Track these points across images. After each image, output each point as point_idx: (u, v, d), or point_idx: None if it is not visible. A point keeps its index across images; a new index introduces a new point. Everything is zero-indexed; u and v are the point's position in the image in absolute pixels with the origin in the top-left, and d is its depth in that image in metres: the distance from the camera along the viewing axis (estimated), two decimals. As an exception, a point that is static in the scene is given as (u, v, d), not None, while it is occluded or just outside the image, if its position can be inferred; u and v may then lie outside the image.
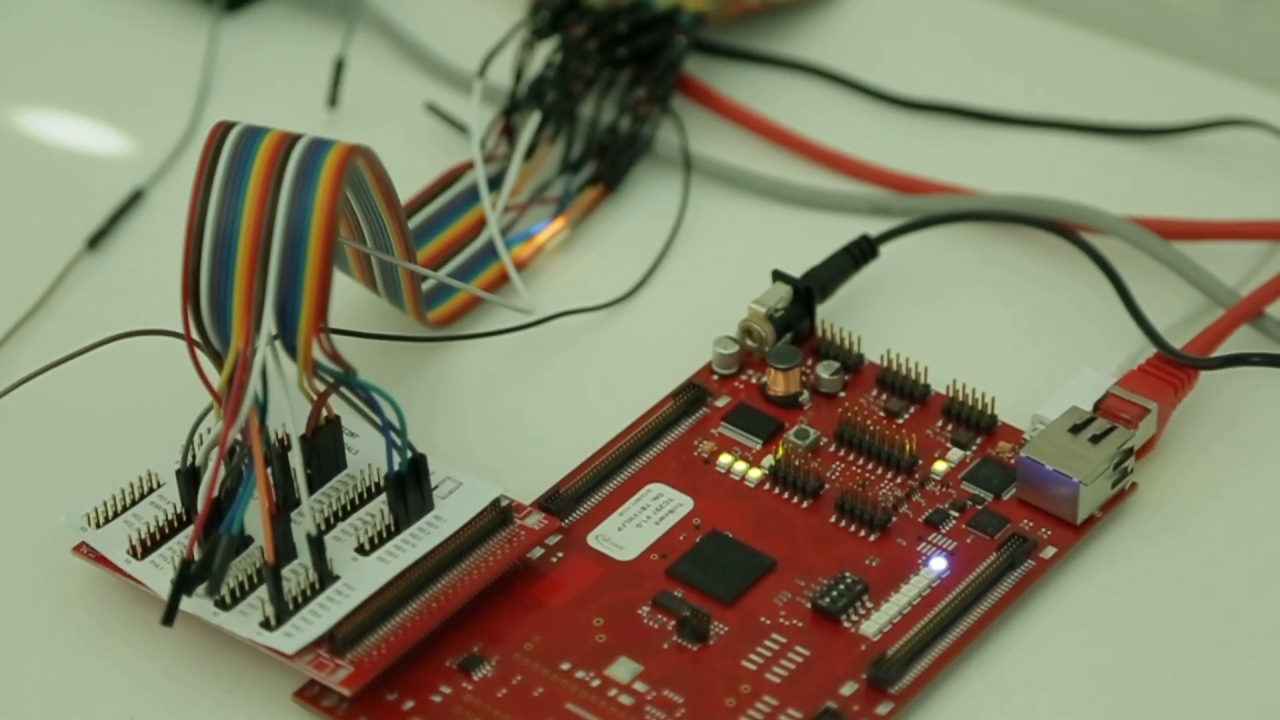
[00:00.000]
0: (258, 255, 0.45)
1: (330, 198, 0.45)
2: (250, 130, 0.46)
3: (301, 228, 0.45)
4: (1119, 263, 0.54)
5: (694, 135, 0.60)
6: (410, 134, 0.61)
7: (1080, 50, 0.63)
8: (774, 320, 0.53)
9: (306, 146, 0.45)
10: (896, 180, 0.59)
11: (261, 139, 0.46)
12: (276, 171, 0.45)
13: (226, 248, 0.46)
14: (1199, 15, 0.61)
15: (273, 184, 0.45)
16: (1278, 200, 0.57)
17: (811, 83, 0.62)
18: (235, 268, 0.46)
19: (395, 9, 0.64)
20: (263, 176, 0.45)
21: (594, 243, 0.58)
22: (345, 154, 0.45)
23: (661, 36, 0.60)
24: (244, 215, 0.45)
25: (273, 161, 0.45)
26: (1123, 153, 0.60)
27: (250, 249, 0.45)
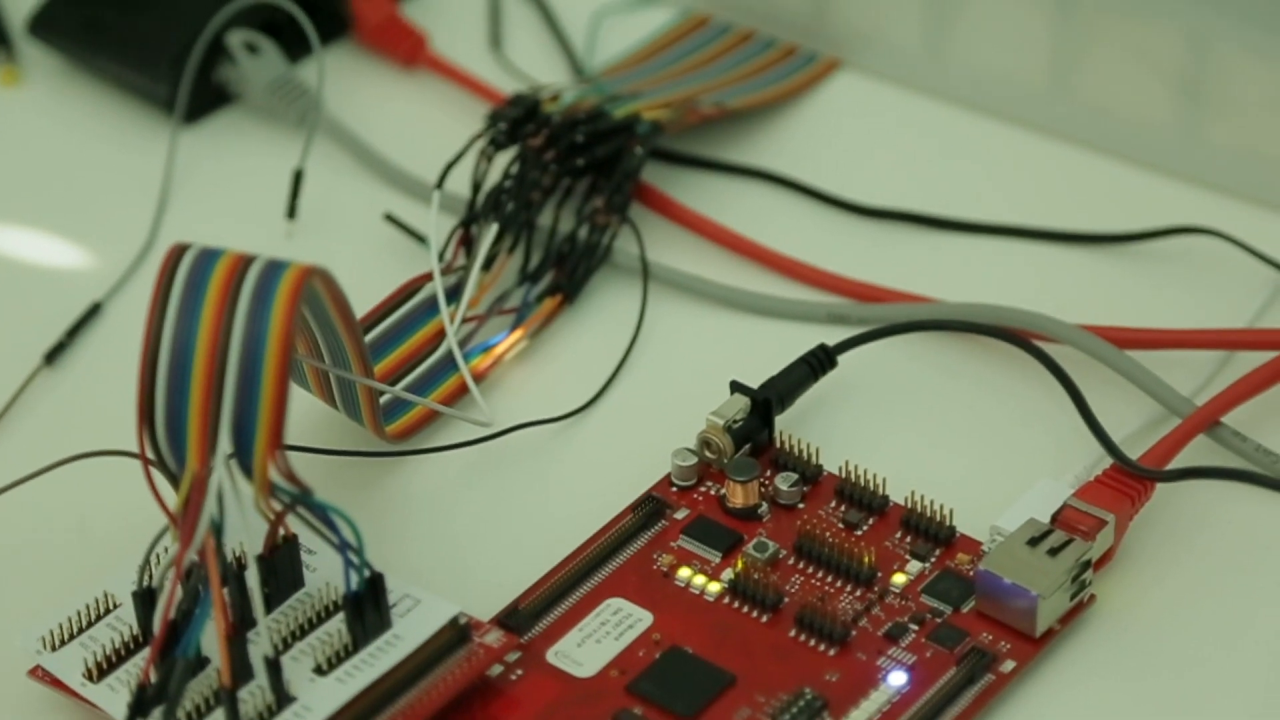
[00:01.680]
0: (213, 377, 0.45)
1: (286, 320, 0.45)
2: (206, 252, 0.46)
3: (257, 350, 0.45)
4: (1076, 371, 0.54)
5: (652, 244, 0.60)
6: (369, 244, 0.61)
7: (1036, 156, 0.63)
8: (732, 432, 0.53)
9: (262, 269, 0.45)
10: (854, 288, 0.59)
11: (217, 261, 0.46)
12: (232, 294, 0.45)
13: (182, 370, 0.46)
14: (1153, 122, 0.61)
15: (228, 306, 0.45)
16: (1232, 308, 0.58)
17: (769, 190, 0.63)
18: (191, 390, 0.46)
19: (354, 119, 0.65)
20: (218, 299, 0.45)
21: (553, 353, 0.58)
22: (301, 276, 0.45)
23: (619, 146, 0.60)
24: (200, 337, 0.45)
25: (228, 283, 0.45)
26: (1079, 259, 0.60)
27: (206, 371, 0.45)
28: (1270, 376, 0.54)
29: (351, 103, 0.65)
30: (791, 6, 0.66)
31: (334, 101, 0.65)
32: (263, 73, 0.64)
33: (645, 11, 0.68)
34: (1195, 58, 0.60)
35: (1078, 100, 0.63)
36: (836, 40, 0.66)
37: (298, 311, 0.45)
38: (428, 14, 0.68)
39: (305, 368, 0.52)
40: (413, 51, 0.66)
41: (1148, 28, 0.60)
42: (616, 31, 0.67)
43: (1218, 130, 0.61)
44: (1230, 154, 0.61)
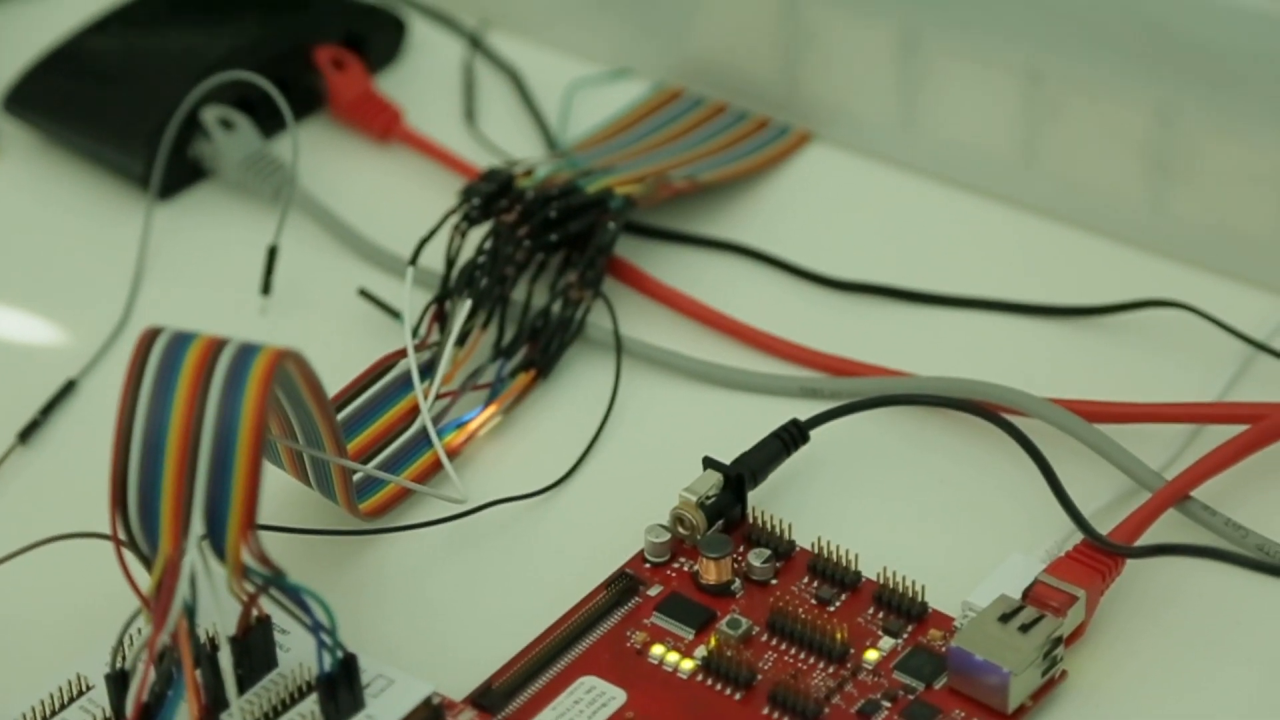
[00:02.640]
0: (186, 462, 0.46)
1: (258, 405, 0.45)
2: (178, 336, 0.46)
3: (230, 435, 0.45)
4: (1046, 445, 0.55)
5: (625, 318, 0.60)
6: (344, 319, 0.61)
7: (1007, 229, 0.63)
8: (705, 508, 0.54)
9: (235, 353, 0.46)
10: (826, 361, 0.59)
11: (190, 345, 0.46)
12: (205, 379, 0.45)
13: (155, 454, 0.46)
14: (1122, 195, 0.62)
15: (201, 391, 0.45)
16: (1202, 381, 0.58)
17: (742, 263, 0.63)
18: (164, 474, 0.46)
19: (329, 194, 0.65)
20: (191, 384, 0.45)
21: (527, 429, 0.58)
22: (273, 360, 0.46)
23: (592, 221, 0.61)
24: (172, 422, 0.45)
25: (201, 369, 0.45)
26: (1050, 332, 0.60)
27: (179, 455, 0.46)
28: (1239, 451, 0.54)
29: (326, 177, 0.65)
30: (763, 80, 0.67)
31: (309, 176, 0.65)
32: (237, 148, 0.64)
33: (619, 84, 0.69)
34: (1163, 132, 0.60)
35: (1048, 173, 0.63)
36: (808, 113, 0.66)
37: (270, 395, 0.46)
38: (402, 88, 0.69)
39: (279, 446, 0.52)
40: (387, 126, 0.67)
41: (1116, 102, 0.61)
42: (590, 104, 0.68)
43: (1186, 204, 0.61)
44: (1198, 227, 0.61)
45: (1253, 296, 0.60)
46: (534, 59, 0.70)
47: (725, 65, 0.67)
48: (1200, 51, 0.59)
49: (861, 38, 0.64)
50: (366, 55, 0.68)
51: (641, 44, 0.68)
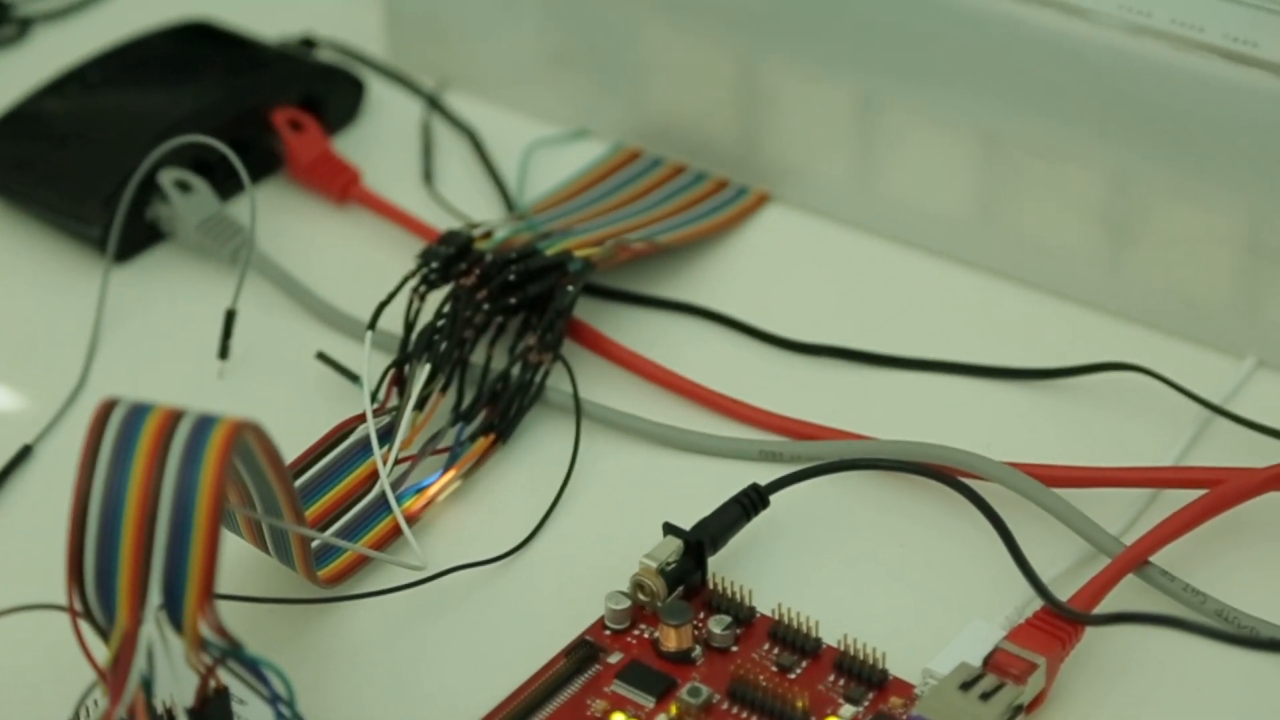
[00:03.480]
0: (144, 534, 0.45)
1: (216, 477, 0.45)
2: (136, 408, 0.46)
3: (188, 507, 0.45)
4: (1006, 509, 0.55)
5: (585, 381, 0.60)
6: (303, 383, 0.61)
7: (966, 291, 0.63)
8: (665, 575, 0.54)
9: (192, 425, 0.45)
10: (786, 425, 0.59)
11: (146, 417, 0.46)
12: (162, 451, 0.45)
13: (112, 526, 0.45)
14: (1080, 258, 0.62)
15: (158, 463, 0.45)
16: (1160, 444, 0.58)
17: (701, 325, 0.63)
18: (121, 545, 0.45)
19: (287, 257, 0.65)
20: (148, 456, 0.45)
21: (486, 494, 0.58)
22: (231, 432, 0.45)
23: (551, 284, 0.60)
24: (130, 495, 0.45)
25: (158, 441, 0.45)
26: (1009, 395, 0.60)
27: (136, 527, 0.45)
28: (1197, 515, 0.54)
29: (285, 240, 0.65)
30: (722, 141, 0.67)
31: (267, 239, 0.65)
32: (195, 211, 0.64)
33: (577, 145, 0.69)
34: (1120, 194, 0.61)
35: (1006, 235, 0.63)
36: (767, 174, 0.66)
37: (228, 467, 0.45)
38: (361, 149, 0.69)
39: (237, 515, 0.52)
40: (346, 188, 0.66)
41: (1073, 164, 0.61)
42: (549, 165, 0.68)
43: (1143, 266, 0.61)
44: (1156, 290, 0.61)
45: (1210, 359, 0.61)
46: (493, 119, 0.70)
47: (683, 126, 0.67)
48: (1156, 114, 0.59)
49: (819, 99, 0.65)
50: (325, 116, 0.68)
51: (600, 105, 0.69)
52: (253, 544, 0.53)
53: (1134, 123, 0.60)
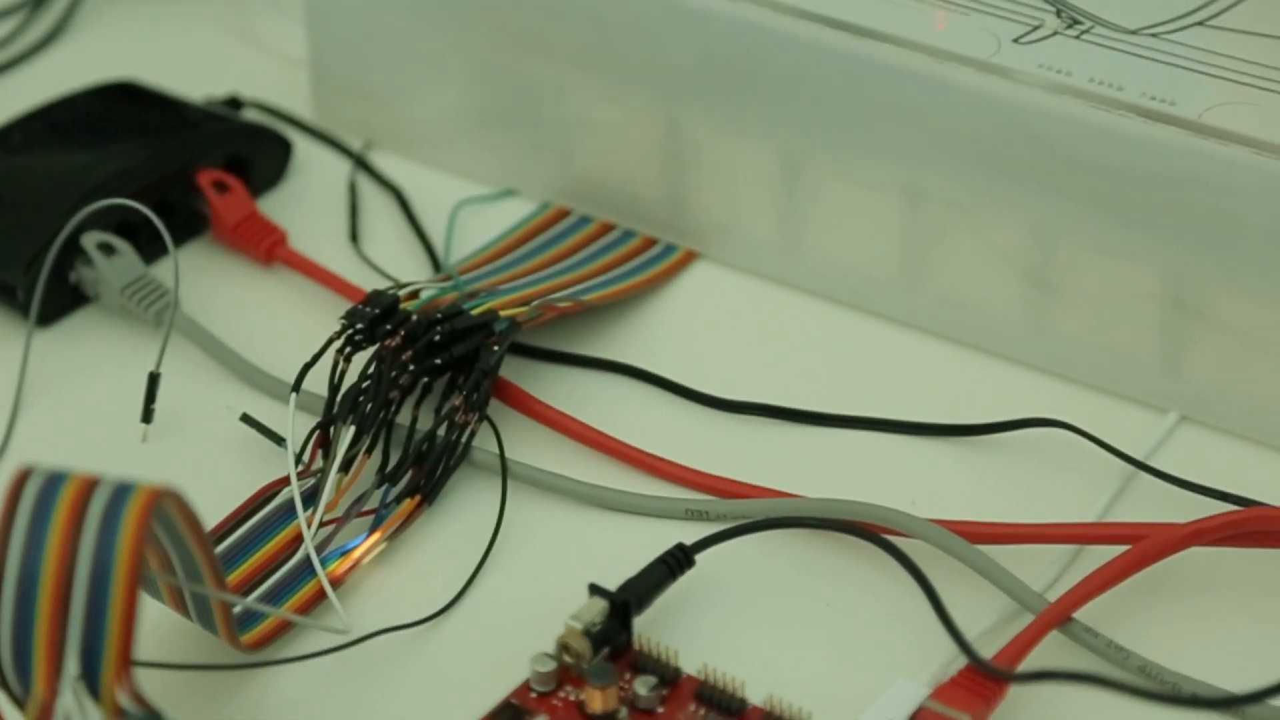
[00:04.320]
0: (60, 603, 0.45)
1: (134, 545, 0.44)
2: (52, 476, 0.46)
3: (105, 575, 0.45)
4: (931, 566, 0.55)
5: (511, 441, 0.60)
6: (227, 445, 0.61)
7: (891, 347, 0.64)
8: (591, 636, 0.53)
9: (110, 493, 0.45)
10: (713, 483, 0.59)
11: (63, 485, 0.45)
12: (79, 519, 0.45)
13: (28, 595, 0.45)
14: (1003, 313, 0.62)
15: (75, 532, 0.45)
16: (1084, 500, 0.58)
17: (628, 384, 0.63)
18: (37, 614, 0.45)
19: (212, 319, 0.64)
20: (65, 525, 0.45)
21: (411, 555, 0.58)
22: (149, 500, 0.45)
23: (477, 344, 0.60)
24: (46, 564, 0.45)
25: (75, 509, 0.45)
26: (934, 451, 0.61)
27: (53, 596, 0.45)
28: (1121, 571, 0.55)
29: (210, 302, 0.65)
30: (649, 199, 0.67)
31: (192, 301, 0.65)
32: (119, 274, 0.64)
33: (505, 204, 0.69)
34: (1042, 251, 0.61)
35: (931, 291, 0.63)
36: (694, 232, 0.67)
37: (147, 535, 0.45)
38: (287, 209, 0.69)
39: (158, 580, 0.51)
40: (271, 249, 0.66)
41: (995, 222, 0.61)
42: (476, 224, 0.68)
43: (1066, 321, 0.62)
44: (1079, 345, 0.62)
45: (1134, 414, 0.61)
46: (420, 179, 0.70)
47: (610, 185, 0.67)
48: (1077, 171, 0.60)
49: (745, 157, 0.65)
50: (251, 176, 0.68)
51: (527, 164, 0.69)
52: (174, 609, 0.53)
53: (1056, 179, 0.60)
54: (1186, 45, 0.61)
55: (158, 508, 0.46)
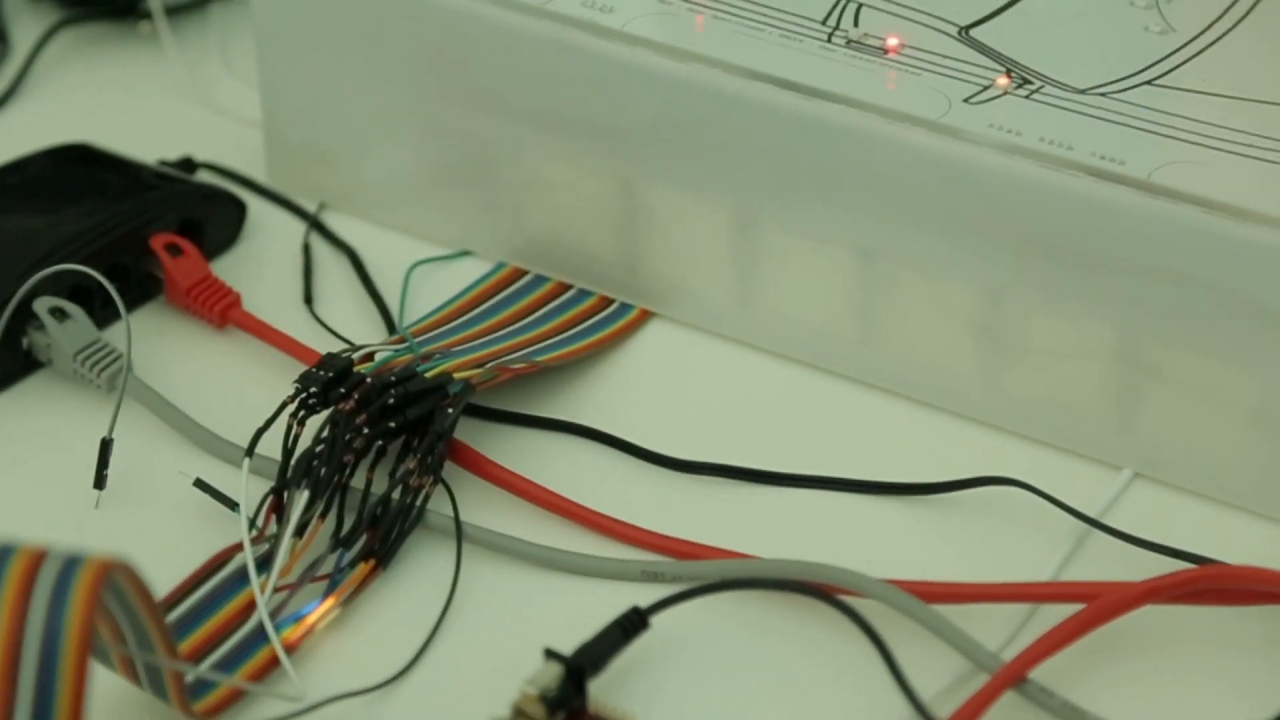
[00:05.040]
0: (9, 675, 0.45)
1: (84, 620, 0.44)
2: (1, 548, 0.45)
3: (54, 649, 0.44)
4: (886, 626, 0.55)
5: (466, 504, 0.60)
6: (181, 510, 0.60)
7: (846, 406, 0.64)
8: (546, 701, 0.53)
9: (59, 566, 0.45)
10: (668, 544, 0.59)
11: (10, 558, 0.45)
12: (27, 593, 0.45)
13: (-23, 669, 0.45)
14: (957, 371, 0.63)
15: (23, 606, 0.45)
16: (1038, 558, 0.59)
17: (583, 445, 0.63)
18: (-13, 688, 0.45)
19: (165, 383, 0.64)
20: (14, 599, 0.45)
21: (366, 620, 0.58)
22: (98, 573, 0.45)
23: (431, 407, 0.60)
24: (-6, 637, 0.45)
25: (24, 582, 0.45)
26: (889, 510, 0.61)
27: (3, 669, 0.45)
28: (1075, 630, 0.55)
29: (164, 366, 0.65)
30: (604, 259, 0.67)
31: (146, 365, 0.65)
32: (72, 339, 0.63)
33: (460, 265, 0.69)
34: (995, 310, 0.61)
35: (884, 349, 0.64)
36: (648, 291, 0.67)
37: (96, 607, 0.45)
38: (242, 271, 0.68)
39: (110, 650, 0.51)
40: (225, 312, 0.66)
41: (949, 280, 0.62)
42: (431, 285, 0.68)
43: (1019, 379, 0.62)
44: (1032, 403, 0.62)
45: (1088, 471, 0.61)
46: (375, 240, 0.70)
47: (565, 245, 0.68)
48: (1028, 230, 0.60)
49: (698, 217, 0.65)
50: (205, 239, 0.68)
51: (482, 224, 0.69)
52: (126, 679, 0.52)
53: (1008, 238, 0.60)
54: (1136, 105, 0.61)
55: (108, 579, 0.46)
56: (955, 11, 0.65)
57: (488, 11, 0.65)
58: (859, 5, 0.65)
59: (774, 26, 0.64)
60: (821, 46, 0.63)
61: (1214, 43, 0.63)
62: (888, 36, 0.64)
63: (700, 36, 0.64)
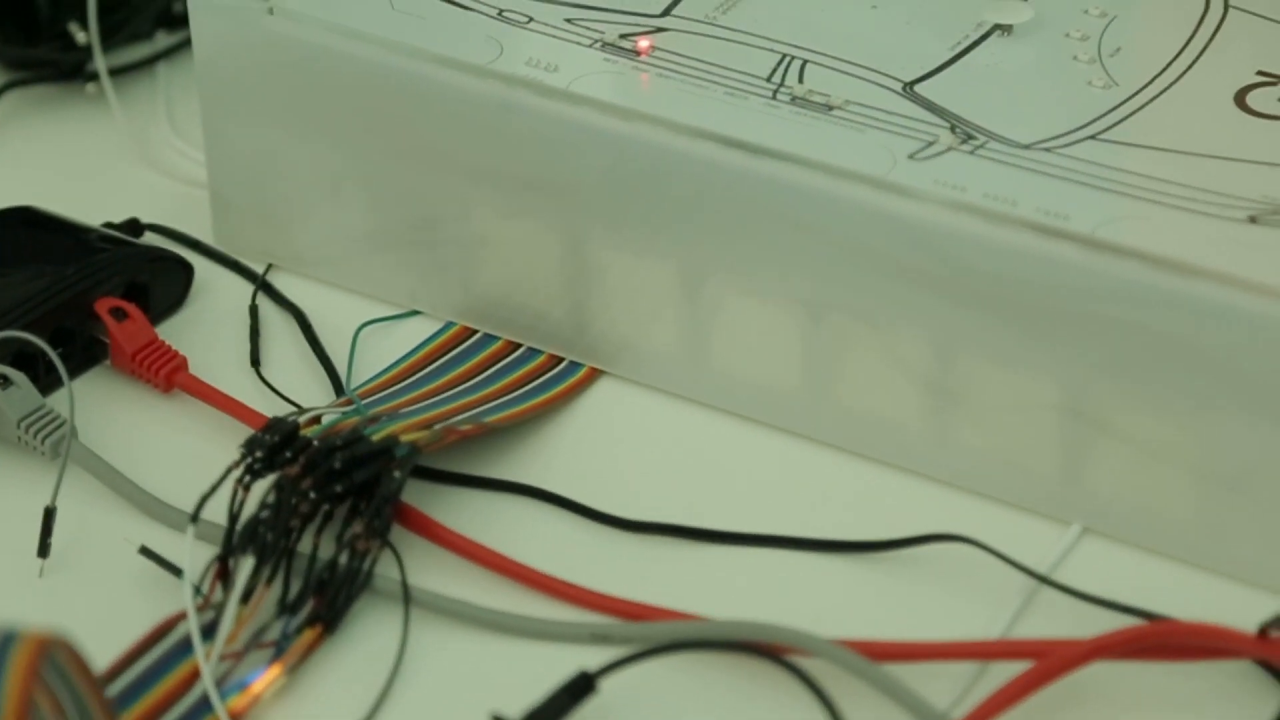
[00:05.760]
0: (-55, 755, 0.44)
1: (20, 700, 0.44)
2: (-64, 625, 0.45)
3: (-11, 726, 0.44)
4: (835, 685, 0.55)
5: (414, 567, 0.60)
6: (127, 578, 0.60)
7: (796, 463, 0.63)
8: (493, 767, 0.53)
9: (-6, 642, 0.45)
10: (617, 606, 0.59)
11: (-53, 634, 0.45)
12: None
13: (-87, 747, 0.45)
14: (907, 427, 0.62)
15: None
16: (988, 615, 0.58)
17: (531, 505, 0.63)
18: (-78, 767, 0.45)
19: (110, 449, 0.64)
20: (-52, 675, 0.44)
21: (313, 686, 0.57)
22: (34, 650, 0.45)
23: (377, 470, 0.60)
24: (-71, 715, 0.44)
25: (-42, 659, 0.44)
26: (839, 568, 0.60)
27: (-63, 748, 0.44)
28: (1024, 688, 0.54)
29: (109, 431, 0.64)
30: (552, 317, 0.67)
31: (90, 430, 0.64)
32: (15, 406, 0.63)
33: (408, 324, 0.68)
34: (943, 365, 0.61)
35: (833, 406, 0.63)
36: (597, 350, 0.67)
37: (34, 684, 0.44)
38: (189, 334, 0.68)
39: (51, 723, 0.51)
40: (171, 375, 0.66)
41: (895, 334, 0.62)
42: (380, 345, 0.68)
43: (968, 435, 0.62)
44: (981, 458, 0.62)
45: (1037, 527, 0.61)
46: (323, 300, 0.69)
47: (514, 304, 0.67)
48: (974, 285, 0.60)
49: (646, 275, 0.65)
50: (152, 301, 0.68)
51: (430, 284, 0.68)
52: (70, 751, 0.52)
53: (954, 293, 0.60)
54: (1080, 159, 0.61)
55: (46, 654, 0.45)
56: (900, 67, 0.65)
57: (433, 72, 0.65)
58: (804, 62, 0.65)
59: (719, 84, 0.64)
60: (766, 103, 0.64)
61: (1157, 96, 0.64)
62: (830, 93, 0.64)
63: (646, 95, 0.64)
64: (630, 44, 0.66)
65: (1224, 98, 0.64)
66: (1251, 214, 0.59)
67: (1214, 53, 0.65)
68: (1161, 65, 0.65)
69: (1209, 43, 0.66)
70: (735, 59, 0.65)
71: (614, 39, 0.66)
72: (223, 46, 0.68)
